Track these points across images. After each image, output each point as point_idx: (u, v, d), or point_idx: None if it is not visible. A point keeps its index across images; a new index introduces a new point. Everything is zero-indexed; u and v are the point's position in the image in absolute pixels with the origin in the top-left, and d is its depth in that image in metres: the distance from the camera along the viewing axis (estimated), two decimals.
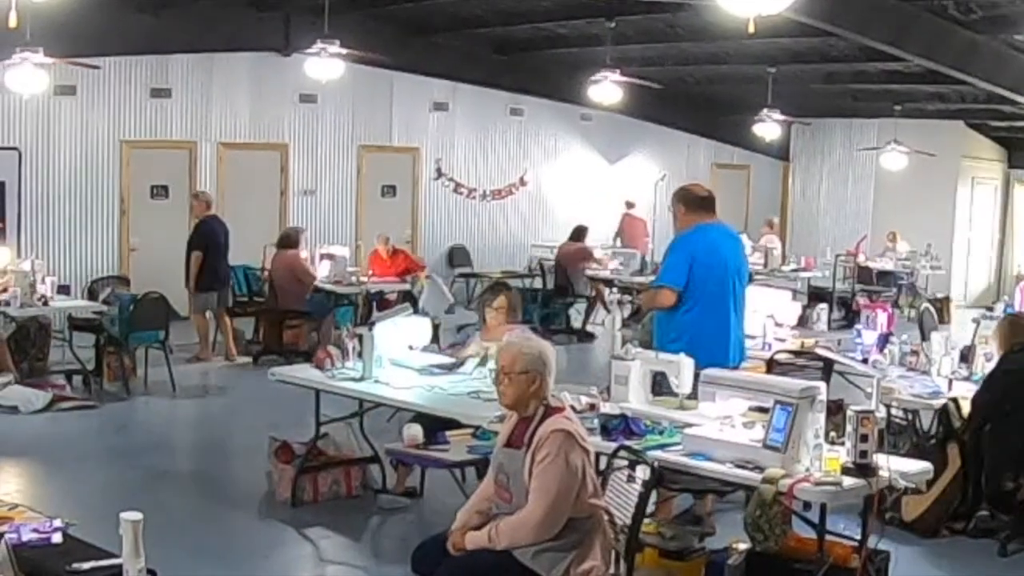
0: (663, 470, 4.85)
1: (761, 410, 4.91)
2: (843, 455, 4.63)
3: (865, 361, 7.52)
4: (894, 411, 7.42)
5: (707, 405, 5.22)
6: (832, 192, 21.40)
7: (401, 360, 7.05)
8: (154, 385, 10.48)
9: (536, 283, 15.87)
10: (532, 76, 17.47)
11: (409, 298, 12.15)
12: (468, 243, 17.62)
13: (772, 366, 7.42)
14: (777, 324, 8.74)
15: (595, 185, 18.85)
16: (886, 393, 6.67)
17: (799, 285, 15.57)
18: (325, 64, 11.92)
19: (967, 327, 11.72)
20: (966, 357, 7.65)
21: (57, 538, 4.02)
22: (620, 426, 5.23)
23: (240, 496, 7.26)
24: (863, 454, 4.54)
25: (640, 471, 4.75)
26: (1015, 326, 6.96)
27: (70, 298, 11.12)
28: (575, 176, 18.76)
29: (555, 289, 14.86)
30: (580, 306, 14.98)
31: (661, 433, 5.26)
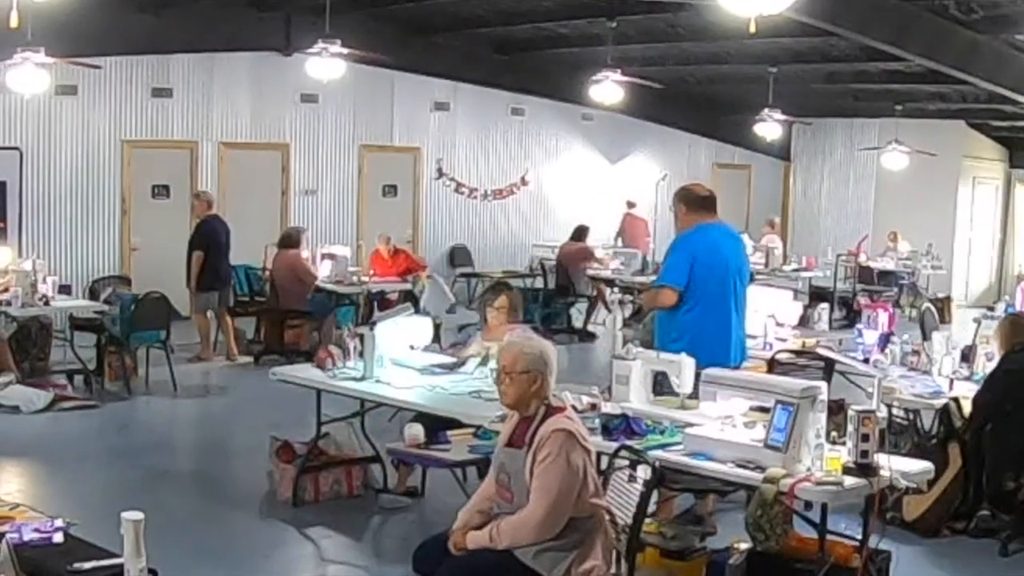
0: (664, 470, 4.85)
1: (762, 410, 4.91)
2: (844, 455, 4.63)
3: (866, 361, 7.52)
4: (895, 411, 7.42)
5: (708, 405, 5.22)
6: (833, 192, 21.40)
7: (402, 360, 7.05)
8: (155, 385, 10.48)
9: (537, 283, 15.87)
10: (533, 76, 17.47)
11: (410, 298, 12.14)
12: (469, 243, 17.62)
13: (773, 366, 7.41)
14: (778, 324, 8.73)
15: (596, 185, 18.84)
16: (887, 393, 6.67)
17: (800, 285, 15.56)
18: (326, 64, 11.92)
19: (968, 327, 11.72)
20: (967, 357, 7.65)
21: (58, 538, 4.01)
22: (621, 426, 5.23)
23: (241, 496, 7.26)
24: (864, 454, 4.54)
25: (641, 471, 4.75)
26: (1016, 326, 6.96)
27: (71, 298, 11.11)
28: (576, 176, 18.76)
29: (556, 289, 14.88)
30: (581, 306, 14.98)
31: (662, 433, 5.26)
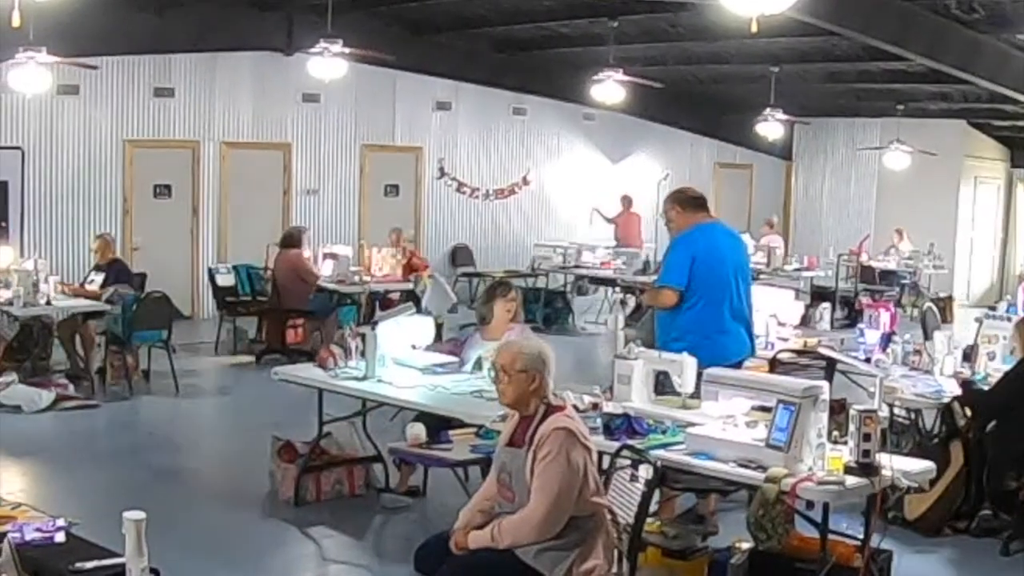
0: (666, 469, 4.86)
1: (764, 409, 4.91)
2: (846, 454, 4.64)
3: (868, 360, 7.52)
4: (897, 410, 7.42)
5: (710, 404, 5.22)
6: (835, 191, 21.39)
7: (404, 359, 7.05)
8: (157, 384, 10.49)
9: (539, 283, 15.86)
10: (535, 75, 17.46)
11: (412, 297, 12.14)
12: (471, 242, 17.62)
13: (775, 365, 7.41)
14: (780, 323, 8.73)
15: (598, 184, 18.84)
16: (889, 392, 6.66)
17: (802, 284, 15.56)
18: (328, 63, 11.91)
19: (970, 326, 11.70)
20: (969, 356, 7.65)
21: (60, 537, 4.02)
22: (623, 425, 5.24)
23: (243, 495, 7.26)
24: (866, 453, 4.55)
25: (643, 470, 4.75)
26: None
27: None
28: (578, 175, 18.75)
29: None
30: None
31: (664, 432, 5.27)
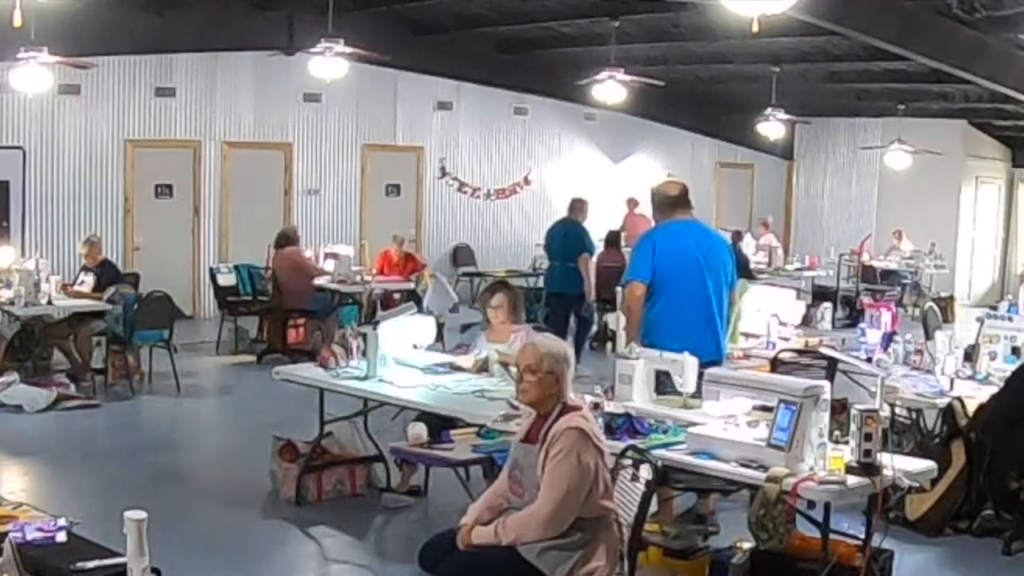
0: (667, 469, 4.85)
1: (765, 409, 4.91)
2: (847, 454, 4.63)
3: (869, 360, 7.50)
4: (898, 410, 7.42)
5: (711, 404, 5.21)
6: (836, 191, 21.39)
7: (405, 359, 7.05)
8: (158, 384, 10.49)
9: (540, 282, 15.83)
10: (536, 75, 17.46)
11: (413, 297, 12.15)
12: (472, 242, 17.62)
13: (776, 365, 7.41)
14: (781, 323, 8.74)
15: (599, 184, 18.82)
16: (890, 392, 6.66)
17: (803, 284, 15.56)
18: (329, 63, 11.91)
19: (971, 326, 11.70)
20: (970, 356, 7.65)
21: (62, 537, 4.01)
22: (624, 425, 5.23)
23: (244, 495, 7.26)
24: (867, 453, 4.54)
25: (644, 470, 4.75)
26: None
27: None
28: (579, 175, 18.72)
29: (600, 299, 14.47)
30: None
31: (665, 432, 5.27)
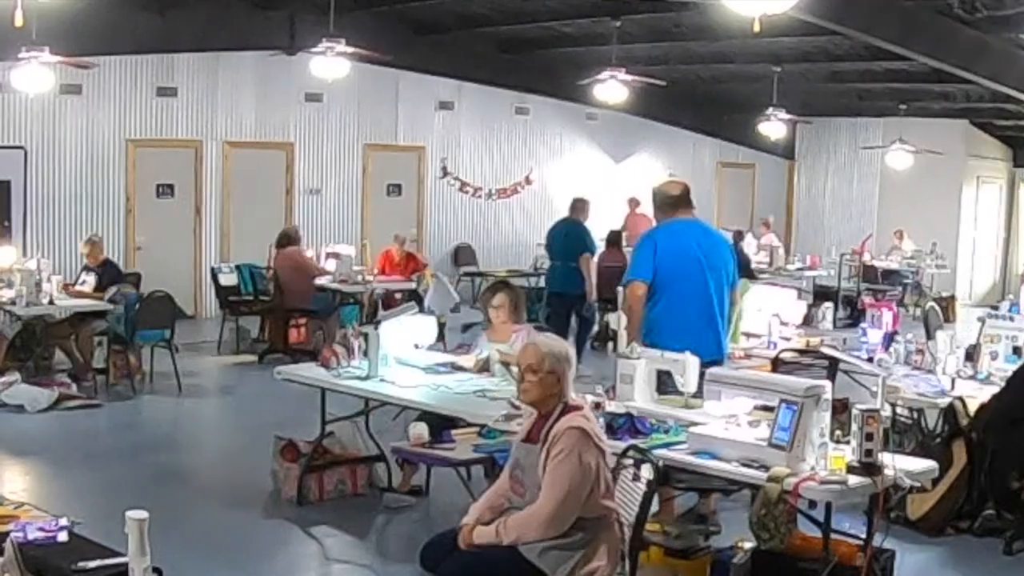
0: (668, 469, 4.85)
1: (766, 409, 4.91)
2: (848, 454, 4.63)
3: (870, 360, 7.49)
4: (899, 410, 7.42)
5: (712, 404, 5.21)
6: (837, 191, 21.39)
7: (407, 359, 7.05)
8: (160, 384, 10.49)
9: (541, 282, 15.83)
10: (537, 75, 17.46)
11: (415, 297, 12.15)
12: (473, 242, 17.62)
13: (777, 365, 7.40)
14: (782, 323, 8.73)
15: (601, 184, 18.82)
16: (891, 392, 6.65)
17: (804, 284, 15.55)
18: (331, 63, 11.91)
19: (972, 326, 11.70)
20: (971, 356, 7.64)
21: (63, 537, 4.02)
22: (625, 425, 5.23)
23: (246, 495, 7.26)
24: (868, 453, 4.54)
25: (645, 470, 4.75)
26: None
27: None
28: (580, 175, 18.72)
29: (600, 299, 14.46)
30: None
31: (666, 432, 5.26)
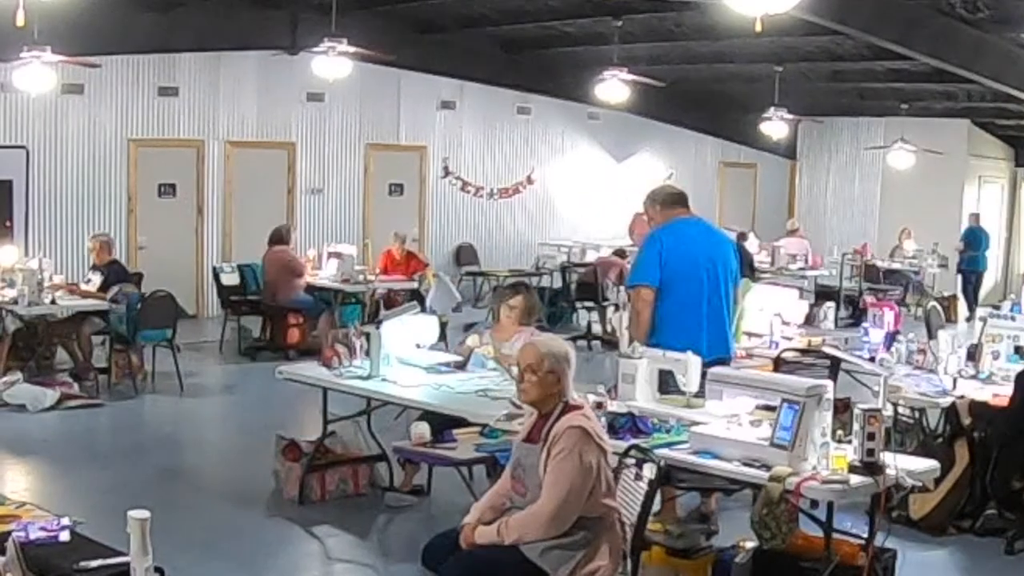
0: (670, 468, 4.85)
1: (768, 408, 4.91)
2: (850, 453, 4.63)
3: (872, 359, 7.49)
4: (901, 409, 7.41)
5: (714, 403, 5.21)
6: (839, 190, 21.37)
7: (408, 358, 7.05)
8: (162, 383, 10.50)
9: (543, 282, 15.84)
10: (539, 75, 17.45)
11: (416, 296, 12.16)
12: (475, 241, 17.62)
13: (779, 364, 7.40)
14: (784, 322, 8.72)
15: (602, 184, 18.83)
16: (893, 391, 6.65)
17: (806, 283, 15.55)
18: (332, 63, 11.92)
19: (974, 325, 11.71)
20: (973, 355, 7.64)
21: (65, 536, 4.01)
22: (627, 424, 5.23)
23: (247, 494, 7.26)
24: (870, 452, 4.54)
25: (647, 469, 4.75)
26: None
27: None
28: (582, 174, 18.74)
29: (579, 289, 14.56)
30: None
31: (668, 431, 5.26)
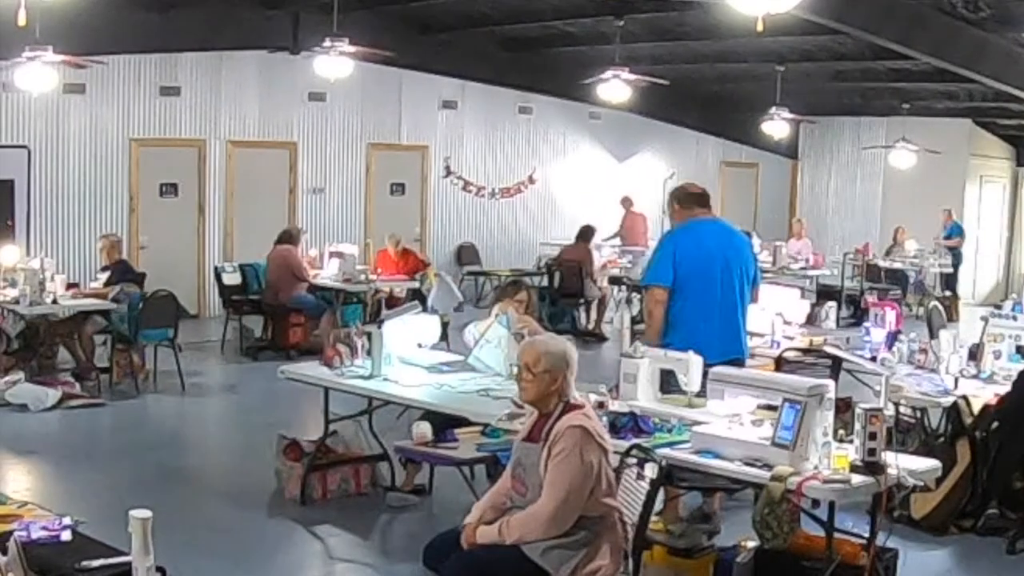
0: (672, 468, 4.85)
1: (770, 408, 4.91)
2: (852, 453, 4.63)
3: (874, 359, 7.49)
4: (902, 409, 7.41)
5: (716, 403, 5.22)
6: (841, 190, 21.37)
7: (410, 358, 7.05)
8: (163, 383, 10.50)
9: (544, 281, 15.83)
10: (541, 74, 17.46)
11: (418, 296, 12.16)
12: (477, 241, 17.62)
13: (781, 364, 7.41)
14: (786, 322, 8.73)
15: (604, 183, 18.83)
16: (894, 391, 6.66)
17: (808, 283, 15.54)
18: (334, 62, 11.92)
19: (975, 325, 11.69)
20: (974, 355, 7.64)
21: (66, 536, 4.01)
22: (629, 424, 5.23)
23: (249, 494, 7.27)
24: (872, 452, 4.54)
25: (649, 469, 4.75)
26: None
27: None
28: (584, 174, 18.74)
29: (559, 290, 14.60)
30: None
31: (670, 431, 5.26)
